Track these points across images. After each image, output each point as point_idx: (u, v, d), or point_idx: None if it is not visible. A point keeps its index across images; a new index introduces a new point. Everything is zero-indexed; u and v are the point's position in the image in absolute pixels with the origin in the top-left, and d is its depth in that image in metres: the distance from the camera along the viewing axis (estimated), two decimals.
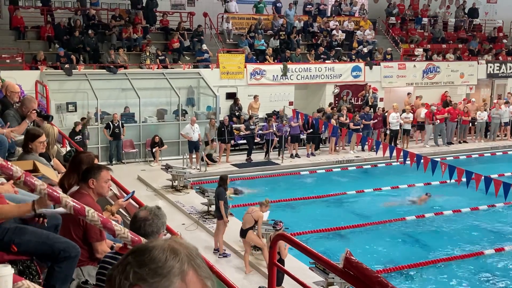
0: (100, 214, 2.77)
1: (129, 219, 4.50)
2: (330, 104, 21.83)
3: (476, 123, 22.56)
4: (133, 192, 5.08)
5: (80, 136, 16.32)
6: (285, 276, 7.50)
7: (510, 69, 26.11)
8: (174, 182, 15.38)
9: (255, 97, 20.71)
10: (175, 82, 19.62)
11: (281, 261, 9.08)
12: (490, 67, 25.71)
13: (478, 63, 25.41)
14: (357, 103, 22.95)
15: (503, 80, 26.27)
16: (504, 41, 27.92)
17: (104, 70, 19.19)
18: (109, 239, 4.10)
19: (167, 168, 15.89)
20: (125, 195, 6.17)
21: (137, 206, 5.57)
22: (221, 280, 4.02)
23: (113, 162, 17.75)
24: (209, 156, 18.08)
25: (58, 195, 2.72)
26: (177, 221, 12.62)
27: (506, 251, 12.43)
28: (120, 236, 2.82)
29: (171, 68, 20.49)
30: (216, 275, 4.05)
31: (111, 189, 5.99)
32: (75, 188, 4.31)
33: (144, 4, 22.40)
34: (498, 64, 25.91)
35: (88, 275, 3.88)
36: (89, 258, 3.94)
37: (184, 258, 1.40)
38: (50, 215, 3.44)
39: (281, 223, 10.38)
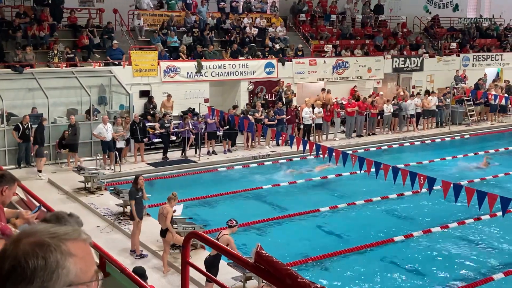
0: None
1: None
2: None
3: (384, 115, 23.52)
4: (40, 206, 4.87)
5: None
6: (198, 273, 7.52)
7: (414, 63, 27.44)
8: (87, 184, 14.95)
9: (168, 96, 20.47)
10: (86, 80, 19.05)
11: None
12: (396, 61, 26.89)
13: (384, 58, 26.50)
14: (271, 99, 23.30)
15: (407, 74, 27.57)
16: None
17: (9, 70, 18.33)
18: None
19: (79, 169, 15.43)
20: (33, 201, 5.96)
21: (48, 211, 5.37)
22: (135, 283, 3.97)
23: (22, 165, 17.04)
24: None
25: None
26: (91, 224, 12.29)
27: (414, 237, 13.07)
28: None
29: (81, 66, 19.88)
30: (130, 278, 4.00)
31: (17, 194, 5.79)
32: None
33: (50, 1, 21.55)
34: (403, 59, 27.15)
35: None
36: None
37: (53, 242, 1.37)
38: None
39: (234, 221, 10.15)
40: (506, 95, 26.42)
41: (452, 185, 12.09)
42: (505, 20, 34.27)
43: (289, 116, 21.43)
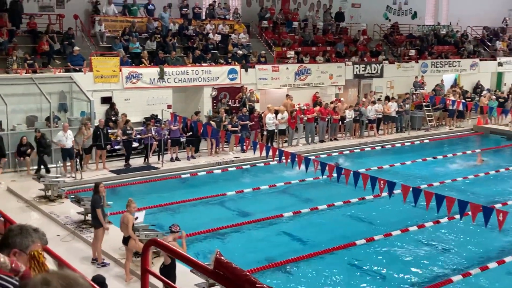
0: None
1: None
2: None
3: (345, 121, 23.85)
4: None
5: None
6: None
7: (374, 70, 27.91)
8: (47, 192, 14.70)
9: (123, 114, 19.61)
10: (46, 87, 18.74)
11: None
12: (357, 68, 27.30)
13: (346, 65, 26.87)
14: (235, 105, 23.35)
15: (368, 80, 28.02)
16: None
17: None
18: None
19: (39, 177, 15.17)
20: None
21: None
22: None
23: None
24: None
25: None
26: (51, 233, 12.09)
27: (375, 241, 13.28)
28: None
29: (41, 72, 19.54)
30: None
31: None
32: None
33: (8, 6, 21.14)
34: (364, 65, 27.58)
35: None
36: None
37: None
38: None
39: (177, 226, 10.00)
40: (463, 100, 27.14)
41: (411, 189, 12.36)
42: (462, 27, 35.22)
43: (253, 122, 21.52)
